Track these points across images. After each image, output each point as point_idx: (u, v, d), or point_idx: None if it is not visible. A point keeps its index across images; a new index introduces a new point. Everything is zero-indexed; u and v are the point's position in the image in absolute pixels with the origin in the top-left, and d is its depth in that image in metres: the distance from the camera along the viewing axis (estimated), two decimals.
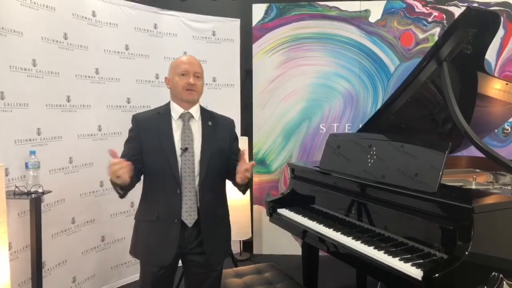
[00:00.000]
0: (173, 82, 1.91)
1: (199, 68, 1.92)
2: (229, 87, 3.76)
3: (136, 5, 3.27)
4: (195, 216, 1.84)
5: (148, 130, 1.87)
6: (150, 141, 1.86)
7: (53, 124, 2.65)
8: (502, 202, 1.67)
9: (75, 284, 2.83)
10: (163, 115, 1.91)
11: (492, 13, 2.03)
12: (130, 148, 1.88)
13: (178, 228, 1.82)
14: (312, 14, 3.70)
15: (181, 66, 1.89)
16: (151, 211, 1.86)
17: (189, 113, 1.91)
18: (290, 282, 2.21)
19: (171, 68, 1.94)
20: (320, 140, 3.73)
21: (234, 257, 3.32)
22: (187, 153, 1.84)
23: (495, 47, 3.55)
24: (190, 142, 1.86)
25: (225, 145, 1.95)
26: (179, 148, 1.84)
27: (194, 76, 1.88)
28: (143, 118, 1.92)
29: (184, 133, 1.87)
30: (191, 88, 1.87)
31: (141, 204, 1.94)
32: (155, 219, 1.83)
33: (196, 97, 1.91)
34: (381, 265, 1.68)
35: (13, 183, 2.33)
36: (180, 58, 1.95)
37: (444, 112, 2.31)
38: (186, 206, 1.83)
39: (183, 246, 1.85)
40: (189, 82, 1.86)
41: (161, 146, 1.84)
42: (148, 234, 1.87)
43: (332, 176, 2.24)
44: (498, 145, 3.62)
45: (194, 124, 1.91)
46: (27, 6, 2.47)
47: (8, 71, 2.35)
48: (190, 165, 1.84)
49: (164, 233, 1.82)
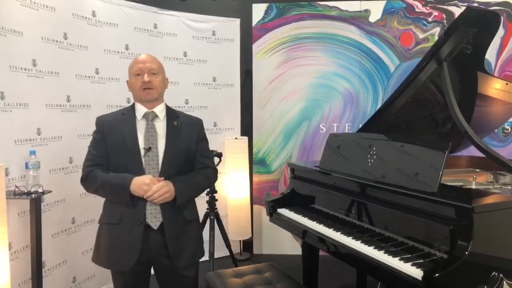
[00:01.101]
0: (131, 83, 1.90)
1: (155, 64, 1.89)
2: (229, 87, 3.76)
3: (136, 5, 3.27)
4: (160, 218, 1.81)
5: (113, 131, 1.86)
6: (115, 142, 1.84)
7: (53, 124, 2.65)
8: (502, 202, 1.67)
9: (75, 284, 2.83)
10: (127, 116, 1.90)
11: (492, 13, 2.03)
12: (97, 150, 1.88)
13: (141, 231, 1.78)
14: (312, 14, 3.70)
15: (135, 66, 1.88)
16: (113, 213, 1.83)
17: (153, 113, 1.89)
18: (290, 282, 2.21)
19: (128, 70, 1.92)
20: (320, 140, 3.73)
21: (234, 257, 3.33)
22: (151, 153, 1.83)
23: (495, 47, 3.55)
24: (154, 142, 1.84)
25: (191, 145, 1.92)
26: (143, 148, 1.83)
27: (149, 74, 1.85)
28: (108, 120, 1.91)
29: (148, 132, 1.85)
30: (147, 87, 1.85)
31: (104, 206, 1.91)
32: (117, 221, 1.80)
33: (155, 95, 1.88)
34: (381, 265, 1.68)
35: (13, 183, 2.33)
36: (136, 58, 1.92)
37: (444, 112, 2.31)
38: (151, 208, 1.80)
39: (148, 251, 1.81)
40: (144, 80, 1.84)
41: (125, 146, 1.83)
42: (110, 238, 1.83)
43: (332, 176, 2.24)
44: (498, 145, 3.62)
45: (159, 123, 1.90)
46: (27, 6, 2.47)
47: (8, 71, 2.35)
48: (154, 165, 1.83)
49: (126, 236, 1.78)
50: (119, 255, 1.79)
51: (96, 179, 1.83)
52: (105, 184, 1.81)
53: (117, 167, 1.84)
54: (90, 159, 1.88)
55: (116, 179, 1.80)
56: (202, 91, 3.62)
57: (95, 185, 1.84)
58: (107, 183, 1.81)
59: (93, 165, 1.87)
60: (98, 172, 1.84)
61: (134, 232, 1.78)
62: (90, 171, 1.86)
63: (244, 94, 3.84)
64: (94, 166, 1.86)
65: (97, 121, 1.93)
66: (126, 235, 1.79)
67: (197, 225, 1.99)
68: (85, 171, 1.88)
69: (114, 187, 1.80)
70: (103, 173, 1.84)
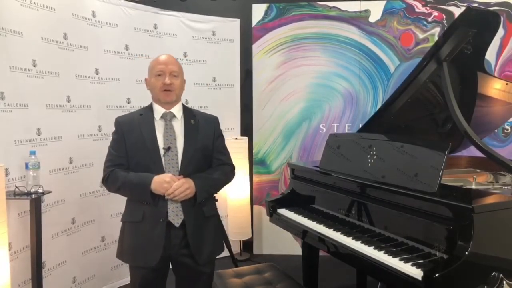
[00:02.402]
0: (151, 84, 1.93)
1: (176, 66, 1.92)
2: (229, 87, 3.76)
3: (136, 5, 3.27)
4: (181, 216, 1.84)
5: (132, 132, 1.88)
6: (134, 143, 1.87)
7: (53, 124, 2.65)
8: (502, 202, 1.67)
9: (75, 284, 2.83)
10: (145, 116, 1.92)
11: (492, 13, 2.03)
12: (117, 151, 1.90)
13: (164, 229, 1.81)
14: (312, 14, 3.70)
15: (157, 67, 1.90)
16: (136, 212, 1.86)
17: (171, 113, 1.92)
18: (290, 282, 2.21)
19: (149, 69, 1.95)
20: (320, 140, 3.73)
21: (234, 257, 3.32)
22: (170, 152, 1.86)
23: (495, 47, 3.55)
24: (173, 141, 1.87)
25: (208, 142, 1.96)
26: (162, 148, 1.86)
27: (170, 76, 1.88)
28: (126, 120, 1.93)
29: (166, 132, 1.89)
30: (168, 88, 1.88)
31: (126, 205, 1.94)
32: (140, 219, 1.84)
33: (173, 98, 1.91)
34: (381, 265, 1.68)
35: (13, 183, 2.34)
36: (156, 58, 1.95)
37: (444, 112, 2.31)
38: (172, 206, 1.84)
39: (170, 248, 1.84)
40: (165, 82, 1.87)
41: (145, 147, 1.86)
42: (133, 236, 1.86)
43: (332, 176, 2.24)
44: (498, 145, 3.62)
45: (177, 123, 1.93)
46: (27, 6, 2.47)
47: (8, 71, 2.35)
48: (173, 164, 1.86)
49: (150, 234, 1.82)
50: (144, 252, 1.83)
51: (117, 179, 1.85)
52: (126, 183, 1.84)
53: (138, 167, 1.87)
54: (110, 159, 1.91)
55: (137, 178, 1.83)
56: (202, 91, 3.62)
57: (117, 185, 1.87)
58: (128, 183, 1.84)
59: (114, 165, 1.89)
60: (119, 172, 1.86)
61: (157, 230, 1.81)
62: (111, 171, 1.88)
63: (244, 94, 3.84)
64: (114, 166, 1.89)
65: (116, 122, 1.95)
66: (149, 233, 1.82)
67: (217, 220, 2.02)
68: (106, 171, 1.90)
69: (135, 186, 1.83)
70: (124, 173, 1.86)
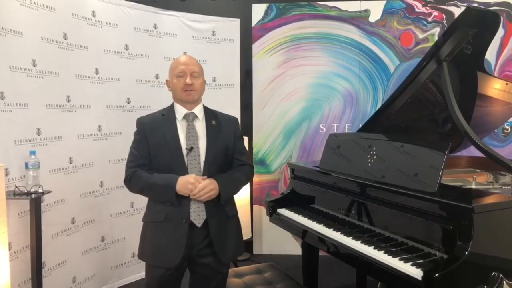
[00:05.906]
0: (172, 84, 1.94)
1: (197, 67, 1.94)
2: (229, 87, 3.76)
3: (136, 5, 3.27)
4: (203, 216, 1.85)
5: (154, 132, 1.90)
6: (157, 143, 1.88)
7: (53, 124, 2.65)
8: (502, 202, 1.67)
9: (75, 284, 2.83)
10: (167, 117, 1.94)
11: (492, 13, 2.03)
12: (139, 151, 1.91)
13: (186, 229, 1.82)
14: (312, 14, 3.70)
15: (178, 68, 1.92)
16: (158, 212, 1.87)
17: (193, 113, 1.93)
18: (290, 282, 2.21)
19: (170, 70, 1.96)
20: (320, 140, 3.73)
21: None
22: (193, 152, 1.87)
23: (495, 47, 3.55)
24: (195, 142, 1.89)
25: (229, 143, 1.98)
26: (185, 148, 1.87)
27: (191, 76, 1.90)
28: (148, 121, 1.94)
29: (189, 133, 1.90)
30: (189, 89, 1.90)
31: (148, 205, 1.95)
32: (163, 220, 1.84)
33: (195, 97, 1.93)
34: (381, 265, 1.68)
35: (13, 183, 2.33)
36: (177, 59, 1.97)
37: (444, 112, 2.31)
38: (194, 206, 1.84)
39: (191, 247, 1.85)
40: (186, 82, 1.89)
41: (168, 147, 1.87)
42: (155, 236, 1.87)
43: (332, 176, 2.24)
44: (498, 145, 3.62)
45: (198, 123, 1.94)
46: (27, 6, 2.47)
47: (8, 71, 2.35)
48: (196, 164, 1.87)
49: (172, 234, 1.83)
50: (166, 252, 1.83)
51: (140, 179, 1.85)
52: (150, 184, 1.84)
53: (160, 167, 1.87)
54: (132, 160, 1.91)
55: (161, 179, 1.83)
56: None
57: (140, 185, 1.87)
58: (152, 184, 1.84)
59: (136, 166, 1.89)
60: (142, 173, 1.86)
61: (179, 230, 1.82)
62: (133, 172, 1.88)
63: (244, 94, 3.83)
64: (137, 167, 1.89)
65: (138, 122, 1.95)
66: (171, 233, 1.83)
67: (237, 220, 2.04)
68: (129, 172, 1.89)
69: (160, 188, 1.82)
70: (147, 173, 1.86)
